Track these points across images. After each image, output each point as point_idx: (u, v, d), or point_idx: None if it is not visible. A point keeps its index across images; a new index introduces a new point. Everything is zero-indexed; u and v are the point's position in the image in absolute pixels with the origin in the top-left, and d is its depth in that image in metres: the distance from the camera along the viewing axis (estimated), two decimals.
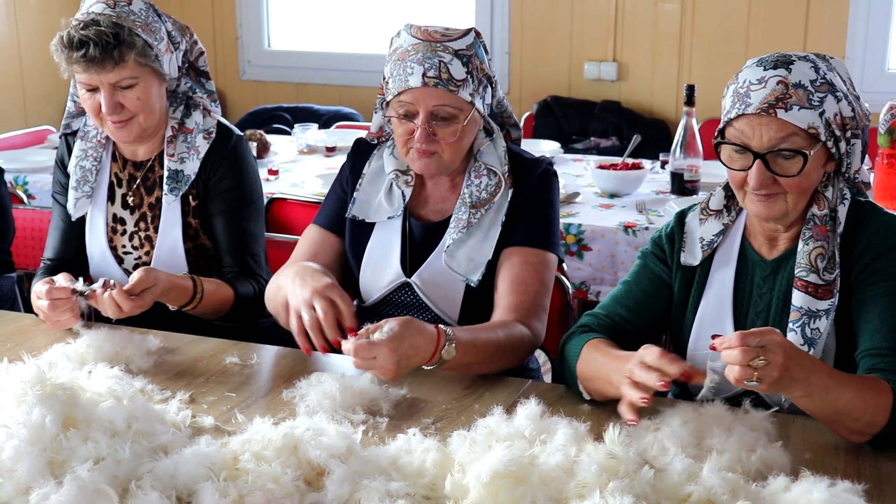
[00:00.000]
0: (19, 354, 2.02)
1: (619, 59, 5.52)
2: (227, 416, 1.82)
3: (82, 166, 2.46)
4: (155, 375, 1.99)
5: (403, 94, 2.06)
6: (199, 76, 2.50)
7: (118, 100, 2.30)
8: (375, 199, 2.22)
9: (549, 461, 1.48)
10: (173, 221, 2.42)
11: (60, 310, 2.16)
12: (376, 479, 1.47)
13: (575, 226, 3.29)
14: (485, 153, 2.18)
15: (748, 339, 1.54)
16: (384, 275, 2.20)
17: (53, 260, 2.51)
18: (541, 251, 2.15)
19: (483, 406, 1.85)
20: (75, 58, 2.24)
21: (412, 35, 2.09)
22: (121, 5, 2.30)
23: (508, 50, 5.73)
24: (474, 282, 2.13)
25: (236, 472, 1.49)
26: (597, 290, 3.32)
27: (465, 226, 2.13)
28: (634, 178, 3.64)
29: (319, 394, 1.83)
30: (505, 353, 1.98)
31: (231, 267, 2.43)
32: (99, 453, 1.48)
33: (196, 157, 2.42)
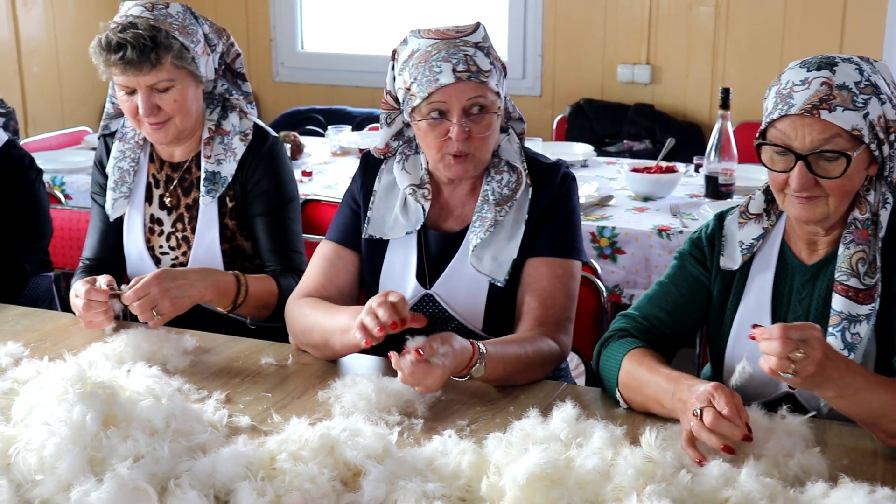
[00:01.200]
0: (58, 352, 2.05)
1: (652, 62, 5.50)
2: (263, 416, 1.83)
3: (120, 167, 2.49)
4: (191, 375, 2.00)
5: (434, 94, 2.02)
6: (235, 78, 2.52)
7: (155, 102, 2.32)
8: (391, 216, 2.19)
9: (586, 464, 1.48)
10: (210, 223, 2.44)
11: (94, 311, 2.18)
12: (412, 480, 1.48)
13: (609, 229, 3.28)
14: (504, 149, 2.17)
15: (789, 332, 1.54)
16: (404, 290, 2.16)
17: (92, 260, 2.54)
18: (566, 260, 2.13)
19: (518, 408, 1.85)
20: (113, 60, 2.26)
21: (425, 37, 2.07)
22: (158, 8, 2.32)
23: (541, 52, 5.72)
24: (501, 281, 2.11)
25: (273, 471, 1.50)
26: (630, 293, 3.31)
27: (491, 224, 2.10)
28: (668, 182, 3.62)
29: (355, 395, 1.84)
30: (532, 368, 1.98)
31: (275, 265, 2.45)
32: (138, 451, 1.49)
33: (233, 158, 2.43)
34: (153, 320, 2.14)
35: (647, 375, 1.78)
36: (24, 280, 2.60)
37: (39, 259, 2.69)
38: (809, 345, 1.53)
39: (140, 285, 2.14)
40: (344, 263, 2.22)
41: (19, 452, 1.49)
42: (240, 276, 2.32)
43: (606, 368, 1.89)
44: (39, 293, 2.76)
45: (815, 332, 1.55)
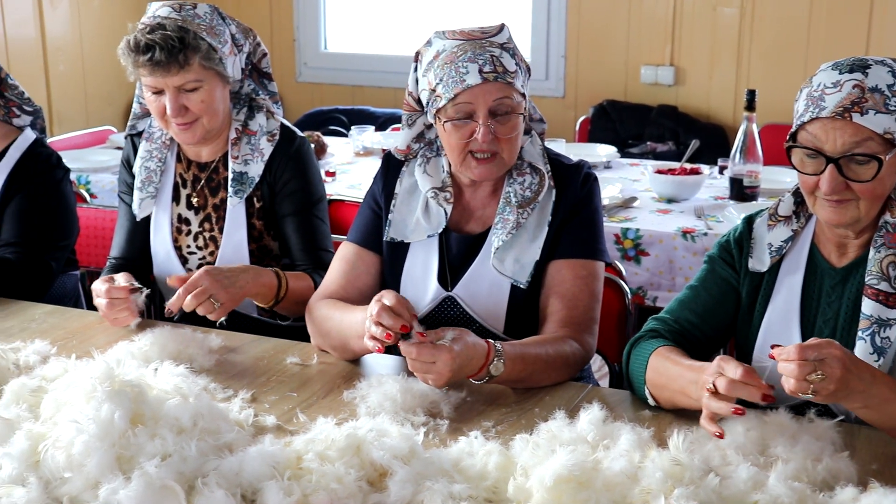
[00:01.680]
0: (85, 351, 2.06)
1: (676, 64, 5.48)
2: (288, 415, 1.83)
3: (147, 167, 2.50)
4: (217, 374, 2.01)
5: (460, 95, 2.01)
6: (261, 78, 2.52)
7: (182, 102, 2.33)
8: (412, 219, 2.19)
9: (613, 466, 1.47)
10: (238, 223, 2.45)
11: (118, 308, 2.19)
12: (439, 480, 1.48)
13: (632, 231, 3.27)
14: (527, 150, 2.16)
15: (806, 353, 1.53)
16: (425, 292, 2.17)
17: (119, 259, 2.55)
18: (589, 262, 2.12)
19: (543, 410, 1.84)
20: (142, 61, 2.27)
21: (450, 38, 2.06)
22: (186, 9, 2.33)
23: (564, 53, 5.71)
24: (523, 283, 2.10)
25: (300, 471, 1.50)
26: (654, 295, 3.30)
27: (514, 226, 2.09)
28: (693, 184, 3.61)
29: (380, 395, 1.84)
30: (554, 368, 1.97)
31: (305, 264, 2.46)
32: (166, 450, 1.49)
33: (260, 159, 2.44)
34: (213, 311, 2.16)
35: (674, 369, 1.78)
36: (50, 278, 2.61)
37: (66, 257, 2.71)
38: (827, 364, 1.53)
39: (190, 281, 2.15)
40: (365, 265, 2.22)
41: (48, 450, 1.49)
42: (279, 272, 2.33)
43: (635, 367, 1.89)
44: (65, 291, 2.77)
45: (833, 351, 1.54)
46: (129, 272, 2.41)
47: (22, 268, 2.53)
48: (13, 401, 1.68)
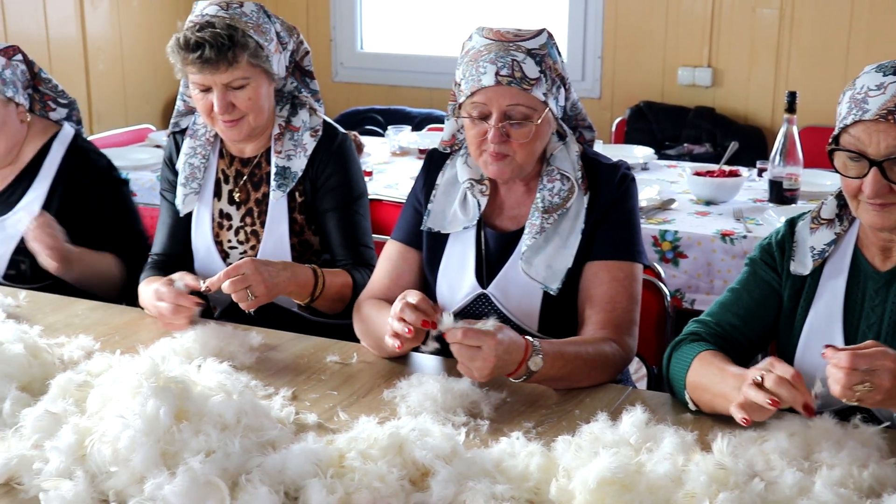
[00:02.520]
0: (128, 346, 2.08)
1: (713, 65, 5.45)
2: (329, 413, 1.84)
3: (191, 163, 2.52)
4: (258, 372, 2.02)
5: (476, 94, 2.03)
6: (303, 76, 2.54)
7: (230, 99, 2.34)
8: (450, 210, 2.20)
9: (657, 469, 1.46)
10: (280, 217, 2.46)
11: (181, 315, 2.21)
12: (481, 481, 1.47)
13: (671, 233, 3.26)
14: (558, 157, 2.14)
15: (858, 363, 1.52)
16: (461, 287, 2.17)
17: (160, 255, 2.57)
18: (627, 263, 2.10)
19: (584, 412, 1.84)
20: (191, 59, 2.29)
21: (484, 36, 2.06)
22: (233, 7, 2.34)
23: (601, 54, 5.69)
24: (553, 290, 2.09)
25: (342, 469, 1.51)
26: (692, 297, 3.28)
27: (538, 231, 2.09)
28: (732, 186, 3.59)
29: (420, 395, 1.85)
30: (594, 368, 1.96)
31: (346, 260, 2.47)
32: (210, 446, 1.50)
33: (303, 154, 2.46)
34: (247, 301, 2.17)
35: (716, 374, 1.77)
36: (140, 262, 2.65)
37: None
38: (878, 375, 1.51)
39: (233, 265, 2.17)
40: (408, 264, 2.24)
41: (94, 444, 1.51)
42: (316, 269, 2.34)
43: (676, 370, 1.88)
44: None
45: (887, 363, 1.52)
46: (172, 268, 2.42)
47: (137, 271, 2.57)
48: (60, 395, 1.70)
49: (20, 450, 1.57)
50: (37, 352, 1.90)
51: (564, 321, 2.12)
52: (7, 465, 1.54)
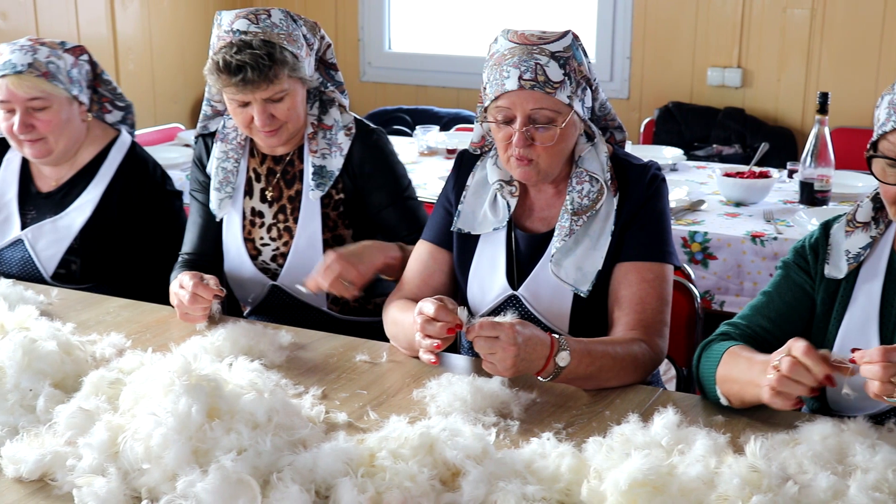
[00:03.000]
0: (159, 344, 2.09)
1: (743, 66, 5.42)
2: (359, 413, 1.84)
3: (224, 168, 2.52)
4: (287, 370, 2.02)
5: (501, 98, 2.02)
6: (327, 69, 2.53)
7: (270, 112, 2.34)
8: (480, 211, 2.20)
9: (689, 472, 1.45)
10: (313, 214, 2.47)
11: (197, 306, 2.22)
12: (512, 481, 1.47)
13: (700, 234, 3.24)
14: (586, 159, 2.13)
15: (891, 355, 1.50)
16: (491, 288, 2.17)
17: (191, 255, 2.58)
18: (657, 264, 2.09)
19: (614, 413, 1.83)
20: (233, 82, 2.27)
21: (508, 39, 2.05)
22: (262, 19, 2.31)
23: (630, 55, 5.67)
24: (584, 292, 2.08)
25: (373, 468, 1.51)
26: (721, 299, 3.27)
27: (568, 233, 2.08)
28: (762, 187, 3.57)
29: (450, 395, 1.84)
30: (623, 367, 1.95)
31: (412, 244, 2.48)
32: (241, 444, 1.51)
33: (339, 153, 2.46)
34: (346, 291, 2.23)
35: (745, 362, 1.76)
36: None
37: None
38: None
39: (321, 270, 2.23)
40: (438, 264, 2.24)
41: (127, 441, 1.52)
42: (402, 245, 2.38)
43: (706, 368, 1.86)
44: None
45: None
46: (203, 267, 2.45)
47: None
48: (92, 392, 1.71)
49: (54, 446, 1.58)
50: (69, 349, 1.91)
51: (595, 323, 2.11)
52: (41, 461, 1.55)
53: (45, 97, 2.57)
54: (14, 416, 1.70)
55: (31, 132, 2.58)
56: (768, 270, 3.16)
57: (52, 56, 2.58)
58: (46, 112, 2.58)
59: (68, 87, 2.60)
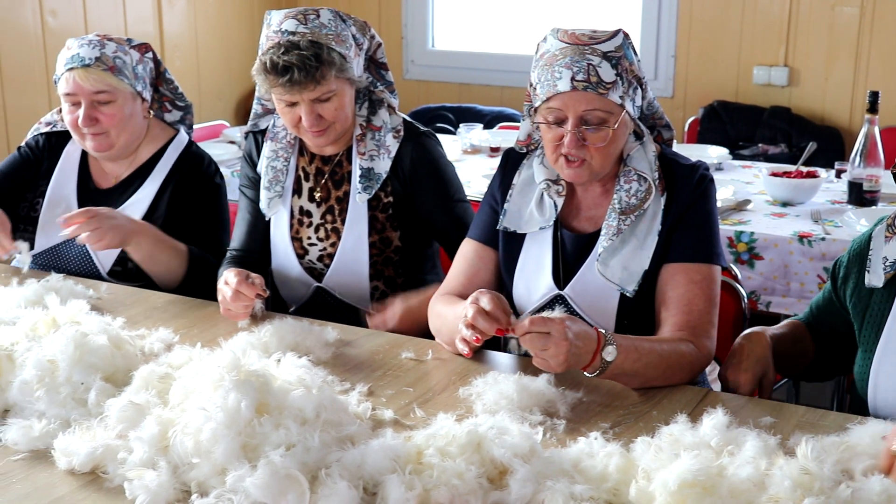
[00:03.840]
0: (207, 339, 2.11)
1: (790, 64, 5.36)
2: (405, 410, 1.84)
3: (273, 167, 2.53)
4: (333, 367, 2.03)
5: (552, 99, 2.02)
6: (378, 68, 2.53)
7: (318, 112, 2.35)
8: (527, 210, 2.19)
9: (739, 473, 1.44)
10: (360, 216, 2.48)
11: (239, 303, 2.23)
12: (560, 480, 1.47)
13: (746, 234, 3.22)
14: (635, 158, 2.12)
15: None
16: (537, 287, 2.16)
17: (239, 251, 2.59)
18: (704, 265, 2.07)
19: (661, 413, 1.82)
20: (281, 82, 2.29)
21: (559, 39, 2.04)
22: (311, 19, 2.32)
23: (675, 53, 5.63)
24: (630, 292, 2.07)
25: (420, 466, 1.51)
26: (767, 300, 3.24)
27: (615, 232, 2.07)
28: (809, 187, 3.53)
29: (496, 393, 1.84)
30: (670, 366, 1.93)
31: None
32: (290, 440, 1.52)
33: (387, 156, 2.46)
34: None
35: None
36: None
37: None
38: None
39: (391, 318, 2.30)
40: (483, 262, 2.24)
41: (177, 436, 1.53)
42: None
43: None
44: None
45: None
46: (250, 264, 2.46)
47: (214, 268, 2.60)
48: (142, 387, 1.72)
49: (105, 439, 1.60)
50: (120, 343, 1.93)
51: (641, 324, 2.10)
52: (93, 453, 1.57)
53: (111, 91, 2.60)
54: (66, 409, 1.73)
55: (95, 125, 2.61)
56: (816, 271, 3.13)
57: (118, 51, 2.61)
58: (111, 106, 2.61)
59: (133, 83, 2.63)
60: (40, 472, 1.60)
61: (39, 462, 1.63)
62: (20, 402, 1.76)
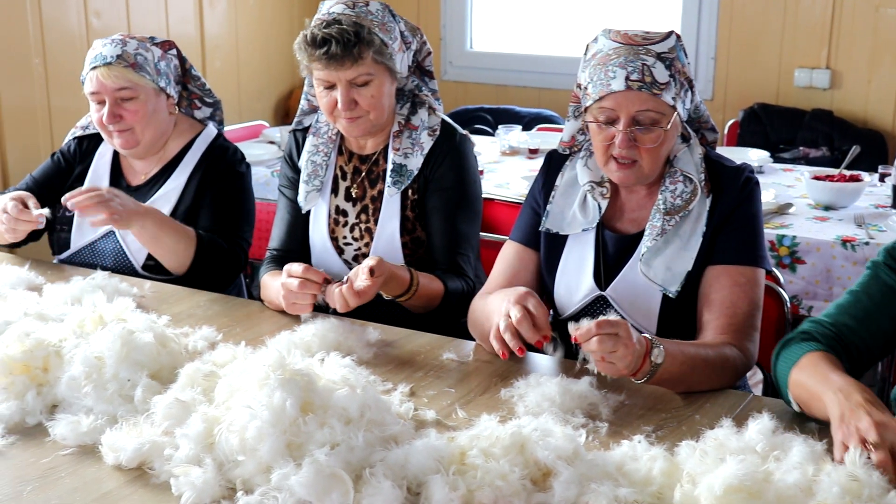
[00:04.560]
0: (250, 338, 2.12)
1: (832, 67, 5.31)
2: (447, 411, 1.85)
3: (313, 161, 2.55)
4: (375, 367, 2.04)
5: (605, 98, 2.01)
6: (423, 75, 2.56)
7: (353, 96, 2.37)
8: (569, 212, 2.19)
9: (786, 479, 1.43)
10: (392, 215, 2.48)
11: (305, 291, 2.19)
12: (604, 483, 1.46)
13: (788, 238, 3.19)
14: (681, 159, 2.12)
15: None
16: (579, 288, 2.16)
17: (279, 251, 2.61)
18: (749, 268, 2.06)
19: (704, 417, 1.81)
20: (318, 55, 2.32)
21: (611, 39, 2.04)
22: (359, 6, 2.37)
23: (714, 55, 5.60)
24: (672, 292, 2.07)
25: (464, 466, 1.51)
26: (809, 304, 3.21)
27: (659, 233, 2.07)
28: (852, 191, 3.50)
29: (538, 395, 1.84)
30: (715, 371, 1.92)
31: (442, 264, 2.47)
32: (334, 439, 1.52)
33: (420, 153, 2.47)
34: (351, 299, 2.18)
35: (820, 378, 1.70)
36: (240, 266, 2.71)
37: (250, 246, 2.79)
38: None
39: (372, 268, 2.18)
40: (524, 264, 2.24)
41: (222, 433, 1.55)
42: (413, 272, 2.32)
43: (782, 367, 1.82)
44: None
45: None
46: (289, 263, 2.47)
47: (226, 252, 2.63)
48: (188, 384, 1.74)
49: (151, 436, 1.62)
50: (165, 341, 1.95)
51: (683, 326, 2.09)
52: (139, 450, 1.59)
53: (132, 87, 2.63)
54: (113, 406, 1.75)
55: (119, 122, 2.65)
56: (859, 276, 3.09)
57: (140, 48, 2.65)
58: (133, 102, 2.64)
59: (155, 79, 2.66)
60: (88, 468, 1.62)
61: (87, 457, 1.65)
62: (68, 397, 1.78)
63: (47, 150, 4.78)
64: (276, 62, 6.16)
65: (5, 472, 1.61)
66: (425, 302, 2.37)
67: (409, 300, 2.34)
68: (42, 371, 1.84)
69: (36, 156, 4.76)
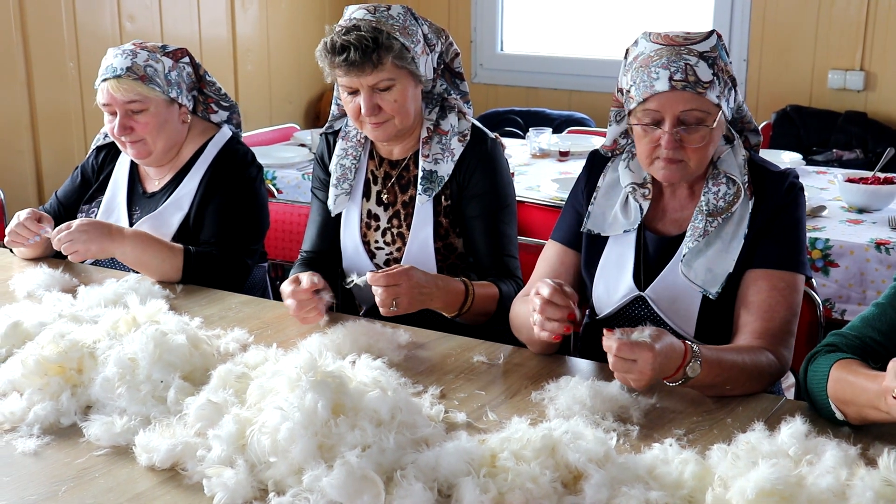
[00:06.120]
0: (280, 340, 2.13)
1: (866, 68, 5.26)
2: (477, 413, 1.85)
3: (342, 164, 2.57)
4: (406, 369, 2.04)
5: (649, 100, 2.01)
6: (453, 77, 2.56)
7: (376, 101, 2.37)
8: (611, 213, 2.19)
9: (819, 483, 1.42)
10: (425, 220, 2.49)
11: (306, 308, 2.25)
12: (635, 486, 1.46)
13: (821, 241, 3.17)
14: (724, 160, 2.11)
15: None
16: (617, 288, 2.16)
17: (310, 252, 2.63)
18: (789, 274, 2.05)
19: (736, 421, 1.80)
20: (337, 62, 2.33)
21: (652, 41, 2.04)
22: (380, 10, 2.38)
23: (747, 57, 5.57)
24: (713, 294, 2.06)
25: (495, 469, 1.51)
26: (842, 308, 3.18)
27: (701, 234, 2.07)
28: (887, 194, 3.47)
29: (569, 398, 1.83)
30: (750, 378, 1.91)
31: (490, 269, 2.47)
32: (365, 441, 1.53)
33: (451, 159, 2.47)
34: (389, 309, 2.18)
35: (857, 381, 1.68)
36: (245, 274, 2.72)
37: (258, 253, 2.80)
38: None
39: (393, 274, 2.18)
40: (564, 265, 2.24)
41: (254, 435, 1.56)
42: (467, 283, 2.34)
43: (814, 383, 1.80)
44: (254, 282, 2.87)
45: None
46: (320, 265, 2.49)
47: (222, 263, 2.64)
48: (220, 386, 1.75)
49: (184, 437, 1.63)
50: (197, 343, 1.96)
51: (722, 328, 2.08)
52: (172, 450, 1.60)
53: (142, 100, 2.65)
54: (146, 407, 1.76)
55: (130, 134, 2.67)
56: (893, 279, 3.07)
57: (150, 60, 2.66)
58: (144, 115, 2.66)
59: (166, 90, 2.67)
60: (122, 468, 1.63)
61: (121, 458, 1.66)
62: (102, 398, 1.80)
63: (81, 152, 4.83)
64: (306, 65, 6.19)
65: (41, 472, 1.63)
66: (484, 308, 2.38)
67: (468, 311, 2.34)
68: (76, 372, 1.86)
69: (70, 158, 4.82)
